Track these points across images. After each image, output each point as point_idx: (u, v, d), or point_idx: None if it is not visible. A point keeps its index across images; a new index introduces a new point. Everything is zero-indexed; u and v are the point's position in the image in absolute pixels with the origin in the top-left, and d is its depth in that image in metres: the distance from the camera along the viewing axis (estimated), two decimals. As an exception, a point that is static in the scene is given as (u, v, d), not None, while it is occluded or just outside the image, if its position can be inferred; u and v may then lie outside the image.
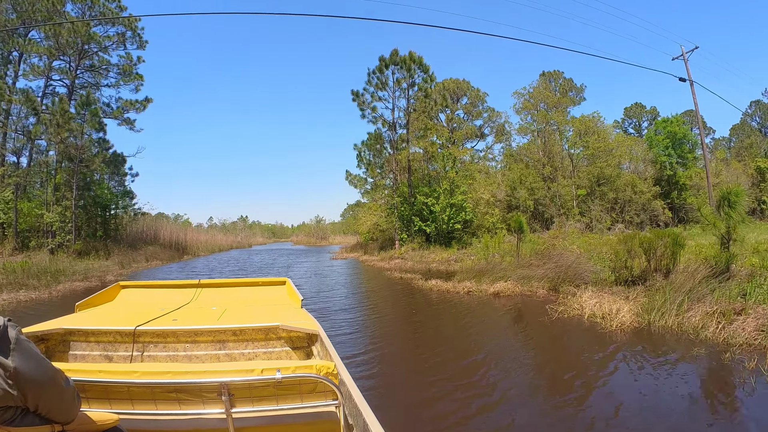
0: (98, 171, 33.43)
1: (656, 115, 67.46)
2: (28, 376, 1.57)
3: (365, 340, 9.65)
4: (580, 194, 41.01)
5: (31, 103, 29.55)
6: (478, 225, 36.23)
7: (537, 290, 14.18)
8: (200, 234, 60.75)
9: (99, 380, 2.40)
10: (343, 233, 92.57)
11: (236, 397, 2.50)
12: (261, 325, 4.21)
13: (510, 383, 6.62)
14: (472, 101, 53.61)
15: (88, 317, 4.43)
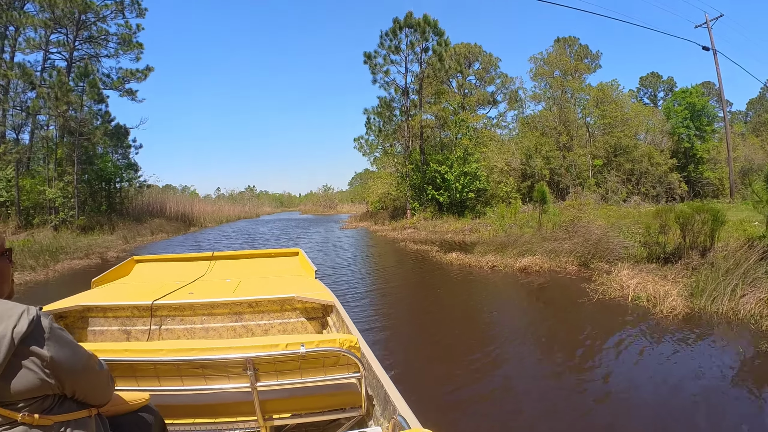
0: (100, 144, 32.67)
1: (673, 86, 65.69)
2: (65, 365, 1.56)
3: (384, 320, 8.80)
4: (596, 164, 39.73)
5: (28, 76, 28.49)
6: (491, 194, 35.17)
7: (566, 266, 13.12)
8: (207, 205, 59.67)
9: (126, 359, 2.45)
10: (351, 202, 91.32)
11: (261, 371, 2.55)
12: (276, 296, 4.27)
13: (563, 384, 5.66)
14: (485, 66, 51.89)
15: (105, 293, 4.48)
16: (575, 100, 42.51)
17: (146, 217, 35.90)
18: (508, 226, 22.80)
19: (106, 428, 1.87)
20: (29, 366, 1.50)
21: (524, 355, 6.72)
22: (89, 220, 28.71)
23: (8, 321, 1.47)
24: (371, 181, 46.55)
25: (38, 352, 1.50)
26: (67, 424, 1.62)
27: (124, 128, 36.59)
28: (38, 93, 28.42)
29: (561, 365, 6.26)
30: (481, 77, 51.88)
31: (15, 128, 30.55)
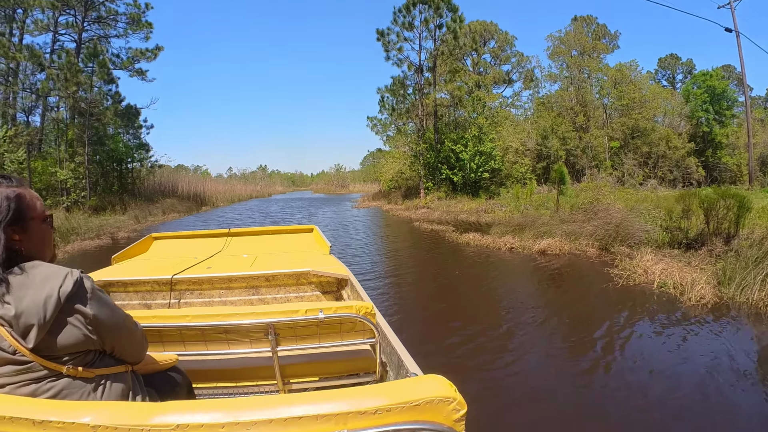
0: (111, 124, 32.59)
1: (692, 68, 63.89)
2: (105, 322, 1.69)
3: (399, 303, 8.54)
4: (613, 146, 39.12)
5: (36, 58, 28.21)
6: (506, 175, 34.67)
7: (586, 249, 12.72)
8: (219, 184, 59.40)
9: (154, 325, 2.53)
10: (363, 181, 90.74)
11: (281, 336, 2.65)
12: (292, 270, 4.37)
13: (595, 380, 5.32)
14: (500, 45, 50.87)
15: (125, 269, 4.62)
16: (593, 80, 41.80)
17: (158, 196, 35.65)
18: (524, 207, 22.46)
19: (140, 383, 1.98)
20: (74, 323, 1.62)
21: (550, 345, 6.39)
22: (101, 201, 28.51)
23: (54, 281, 1.57)
24: (384, 160, 46.02)
25: (82, 310, 1.62)
26: (106, 377, 1.75)
27: (135, 108, 36.32)
28: (48, 74, 28.21)
29: (589, 356, 5.91)
30: (497, 56, 50.91)
31: (25, 111, 30.38)
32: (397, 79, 35.48)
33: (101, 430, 1.24)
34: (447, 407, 1.35)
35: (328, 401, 1.32)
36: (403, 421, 1.32)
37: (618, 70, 40.67)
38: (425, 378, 1.47)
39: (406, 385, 1.42)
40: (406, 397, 1.33)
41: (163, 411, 1.29)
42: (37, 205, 1.75)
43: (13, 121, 28.75)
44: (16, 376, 1.56)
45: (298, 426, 1.27)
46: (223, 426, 1.25)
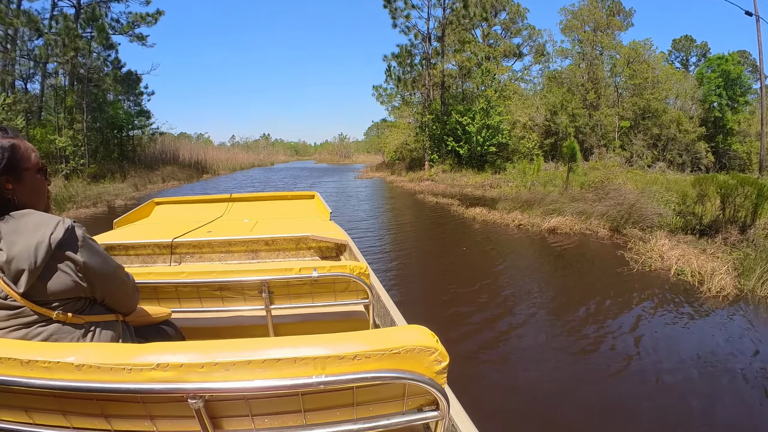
0: (111, 90, 32.16)
1: (707, 52, 62.57)
2: (96, 269, 1.71)
3: (404, 280, 8.11)
4: (623, 126, 38.27)
5: (33, 23, 27.35)
6: (512, 149, 33.97)
7: (597, 229, 12.20)
8: (221, 152, 58.39)
9: (150, 281, 2.57)
10: (366, 152, 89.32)
11: (275, 294, 2.72)
12: (292, 235, 4.36)
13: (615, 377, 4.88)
14: (512, 17, 49.61)
15: (127, 232, 4.64)
16: (605, 57, 40.86)
17: (158, 164, 35.22)
18: (531, 183, 21.92)
19: (131, 333, 2.01)
20: (64, 269, 1.63)
21: (563, 336, 5.94)
22: (100, 168, 28.17)
23: (46, 228, 1.59)
24: (388, 130, 45.29)
25: (72, 257, 1.63)
26: (96, 324, 1.77)
27: (136, 75, 35.69)
28: (45, 40, 27.63)
29: (609, 351, 5.46)
30: (507, 28, 49.63)
31: (24, 78, 29.75)
32: (404, 48, 34.43)
33: (85, 368, 1.26)
34: (428, 357, 1.32)
35: (307, 345, 1.30)
36: (383, 369, 1.29)
37: (632, 49, 39.64)
38: (407, 327, 1.43)
39: (387, 333, 1.40)
40: (386, 344, 1.31)
41: (144, 351, 1.29)
42: (32, 156, 1.76)
43: (12, 88, 28.19)
44: (6, 321, 1.60)
45: (276, 368, 1.26)
46: (202, 366, 1.25)
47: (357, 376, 1.26)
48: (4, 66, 28.01)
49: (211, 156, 48.93)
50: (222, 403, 1.34)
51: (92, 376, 1.26)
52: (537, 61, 48.44)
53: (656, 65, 40.49)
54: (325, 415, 1.40)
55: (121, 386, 1.25)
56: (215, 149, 59.70)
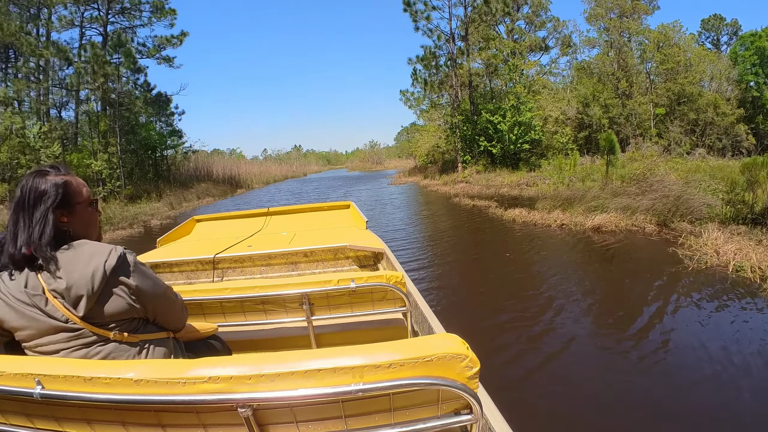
0: (142, 113, 32.92)
1: (738, 29, 60.62)
2: (147, 292, 1.83)
3: (450, 294, 7.78)
4: (658, 113, 37.27)
5: (63, 53, 28.35)
6: (546, 146, 33.35)
7: (644, 225, 11.68)
8: (254, 166, 59.05)
9: (195, 298, 2.73)
10: (398, 157, 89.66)
11: (315, 306, 2.83)
12: (329, 246, 4.45)
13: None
14: (534, 10, 48.86)
15: (170, 250, 4.80)
16: (633, 43, 39.90)
17: (192, 182, 35.75)
18: (568, 180, 21.43)
19: (182, 349, 2.11)
20: (119, 293, 1.75)
21: (624, 347, 5.57)
22: (136, 189, 28.73)
23: (100, 256, 1.71)
24: (418, 134, 45.03)
25: (126, 281, 1.75)
26: (150, 342, 1.90)
27: (165, 96, 36.48)
28: (75, 68, 28.41)
29: (678, 363, 5.08)
30: (531, 21, 48.89)
31: (57, 106, 30.63)
32: (428, 50, 34.07)
33: (143, 383, 1.35)
34: (459, 364, 1.37)
35: (345, 355, 1.35)
36: (417, 376, 1.34)
37: (660, 32, 38.62)
38: (438, 336, 1.48)
39: (420, 342, 1.45)
40: (419, 353, 1.36)
41: (197, 365, 1.37)
42: (83, 191, 1.89)
43: (47, 117, 29.18)
44: (68, 342, 1.71)
45: (318, 378, 1.33)
46: (249, 378, 1.32)
47: (393, 383, 1.33)
48: (38, 96, 28.87)
49: (244, 170, 49.54)
50: (269, 412, 1.41)
51: (150, 389, 1.36)
52: (564, 53, 47.58)
53: (687, 48, 39.40)
54: (365, 421, 1.46)
55: (177, 398, 1.34)
56: (248, 163, 60.40)
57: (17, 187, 1.76)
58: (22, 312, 1.67)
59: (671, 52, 37.56)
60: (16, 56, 29.05)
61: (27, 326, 1.68)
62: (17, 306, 1.67)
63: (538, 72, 42.61)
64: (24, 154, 24.66)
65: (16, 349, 1.76)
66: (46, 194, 1.72)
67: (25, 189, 1.72)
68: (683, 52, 38.28)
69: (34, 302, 1.67)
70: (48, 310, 1.67)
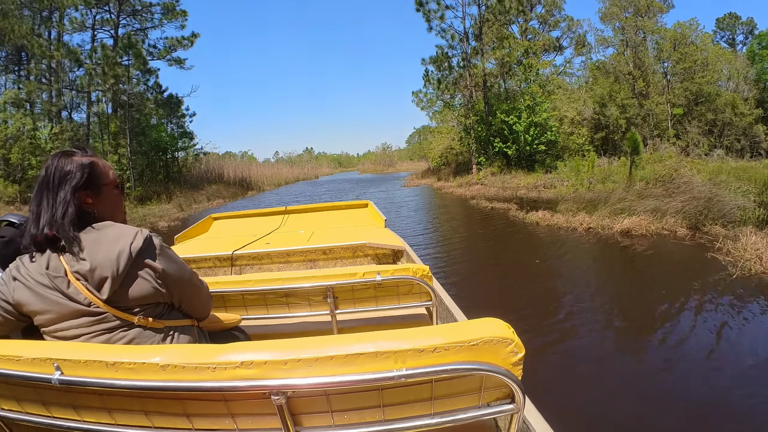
0: (153, 115, 33.14)
1: (754, 28, 59.72)
2: (174, 276, 1.77)
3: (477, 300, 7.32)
4: (676, 113, 36.53)
5: (73, 55, 28.37)
6: (562, 146, 32.75)
7: (674, 229, 11.10)
8: (265, 168, 58.77)
9: (217, 290, 2.68)
10: (410, 159, 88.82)
11: (339, 299, 2.79)
12: (348, 243, 4.42)
13: None
14: (548, 9, 48.29)
15: (188, 247, 4.78)
16: (650, 42, 39.24)
17: (203, 183, 35.60)
18: (587, 181, 20.90)
19: (206, 338, 2.09)
20: (144, 276, 1.68)
21: (684, 375, 5.01)
22: (146, 191, 28.73)
23: (126, 238, 1.66)
24: (432, 136, 44.54)
25: (151, 264, 1.69)
26: (174, 329, 1.83)
27: (177, 97, 36.63)
28: (86, 69, 28.47)
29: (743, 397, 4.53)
30: (545, 21, 48.32)
31: (68, 108, 30.62)
32: (441, 50, 33.61)
33: (170, 369, 1.29)
34: (505, 349, 1.32)
35: (387, 339, 1.30)
36: (462, 361, 1.29)
37: (677, 31, 37.93)
38: (483, 320, 1.41)
39: (464, 326, 1.39)
40: (464, 337, 1.30)
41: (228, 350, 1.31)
42: (110, 173, 1.86)
43: (58, 118, 29.24)
44: (90, 327, 1.64)
45: (358, 363, 1.27)
46: (285, 363, 1.26)
47: (437, 369, 1.25)
48: (50, 98, 28.94)
49: (255, 172, 49.34)
50: (303, 400, 1.33)
51: (177, 375, 1.29)
52: (578, 53, 46.94)
53: (705, 46, 38.68)
54: (403, 410, 1.38)
55: (206, 385, 1.27)
56: (259, 165, 60.19)
57: (42, 167, 1.71)
58: (43, 295, 1.61)
59: (688, 50, 36.85)
60: (28, 58, 29.00)
61: (47, 310, 1.62)
62: (37, 289, 1.61)
63: (552, 72, 42.06)
64: (35, 155, 24.60)
65: (35, 335, 1.71)
66: (71, 174, 1.69)
67: (51, 169, 1.68)
68: (700, 51, 37.56)
69: (56, 285, 1.61)
70: (70, 293, 1.61)
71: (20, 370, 1.36)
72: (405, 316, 3.16)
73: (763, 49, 41.07)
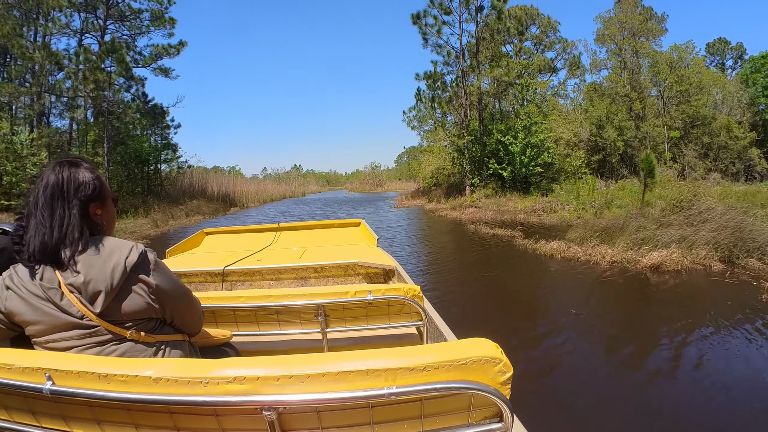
0: (134, 123, 31.93)
1: (743, 53, 60.04)
2: (167, 291, 1.76)
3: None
4: (673, 136, 35.67)
5: (53, 57, 26.98)
6: (557, 169, 31.55)
7: (708, 263, 9.72)
8: (250, 184, 56.71)
9: (208, 306, 2.65)
10: (398, 179, 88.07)
11: (331, 317, 2.76)
12: (340, 262, 4.39)
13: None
14: (543, 30, 47.61)
15: (179, 261, 4.74)
16: (644, 63, 38.64)
17: (184, 198, 33.78)
18: (591, 206, 19.71)
19: (197, 353, 2.05)
20: (138, 291, 1.68)
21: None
22: (123, 203, 27.03)
23: (121, 252, 1.64)
24: (422, 156, 43.27)
25: (146, 279, 1.69)
26: (166, 344, 1.81)
27: (161, 107, 35.23)
28: (66, 73, 27.43)
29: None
30: (540, 42, 47.65)
31: (46, 113, 29.07)
32: (435, 66, 32.13)
33: (162, 382, 1.28)
34: (493, 368, 1.33)
35: (377, 358, 1.30)
36: (451, 380, 1.30)
37: (674, 53, 37.28)
38: (472, 339, 1.42)
39: (454, 346, 1.41)
40: (454, 356, 1.31)
41: (221, 365, 1.30)
42: (107, 186, 1.83)
43: (39, 123, 27.91)
44: (82, 339, 1.62)
45: (349, 381, 1.27)
46: (277, 379, 1.26)
47: (427, 387, 1.26)
48: (32, 102, 27.44)
49: (240, 188, 47.36)
50: (294, 416, 1.32)
51: (169, 389, 1.28)
52: (572, 75, 46.27)
53: (700, 69, 38.12)
54: (393, 428, 1.37)
55: (198, 399, 1.26)
56: (246, 181, 58.06)
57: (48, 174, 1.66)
58: (35, 305, 1.59)
59: (685, 73, 36.17)
60: (11, 59, 27.78)
61: (39, 321, 1.60)
62: (30, 299, 1.59)
63: (543, 95, 41.16)
64: (10, 161, 23.17)
65: (25, 345, 1.66)
66: (86, 185, 1.69)
67: (62, 178, 1.65)
68: (696, 74, 36.95)
69: (49, 296, 1.59)
70: (63, 305, 1.59)
71: (11, 379, 1.33)
72: (396, 336, 3.15)
73: (755, 73, 40.62)
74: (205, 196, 37.69)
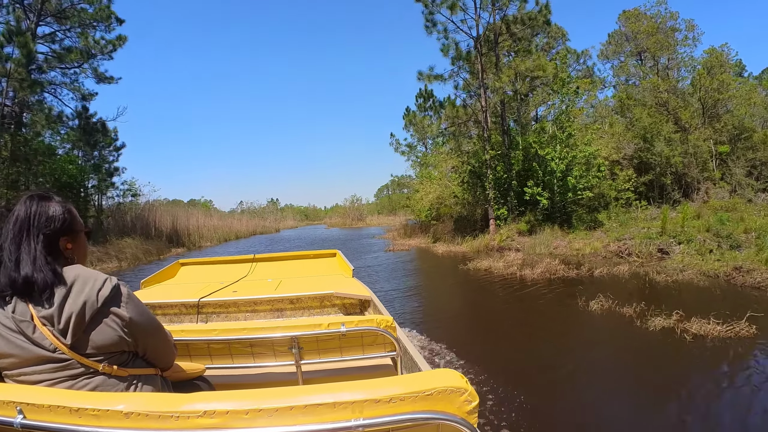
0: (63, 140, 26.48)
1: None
2: (140, 325, 1.73)
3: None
4: (721, 151, 28.95)
5: None
6: (597, 193, 24.11)
7: None
8: (214, 219, 48.12)
9: (182, 339, 2.56)
10: (378, 213, 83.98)
11: (305, 349, 2.71)
12: (316, 293, 4.36)
13: None
14: (553, 35, 41.17)
15: (154, 292, 4.62)
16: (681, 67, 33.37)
17: (113, 237, 25.49)
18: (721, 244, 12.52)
19: (169, 387, 2.01)
20: (110, 324, 1.65)
21: None
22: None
23: (94, 284, 1.62)
24: (419, 182, 35.30)
25: (119, 312, 1.66)
26: (138, 378, 1.78)
27: (101, 122, 28.42)
28: None
29: None
30: (548, 50, 41.27)
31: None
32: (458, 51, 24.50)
33: (134, 416, 1.29)
34: (459, 398, 1.35)
35: (345, 390, 1.33)
36: (417, 410, 1.32)
37: (711, 56, 31.32)
38: (437, 371, 1.46)
39: (419, 377, 1.43)
40: (419, 387, 1.34)
41: (191, 400, 1.31)
42: (80, 220, 1.83)
43: None
44: (54, 373, 1.60)
45: (317, 413, 1.29)
46: (247, 413, 1.26)
47: (394, 418, 1.28)
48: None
49: (202, 223, 39.88)
50: None
51: (140, 423, 1.28)
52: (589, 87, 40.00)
53: (735, 77, 33.32)
54: None
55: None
56: (210, 216, 49.19)
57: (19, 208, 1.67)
58: (7, 338, 1.57)
59: (725, 78, 30.17)
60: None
61: (11, 354, 1.58)
62: (2, 332, 1.58)
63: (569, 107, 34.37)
64: None
65: None
66: (55, 219, 1.68)
67: (31, 212, 1.66)
68: (736, 81, 31.55)
69: (21, 329, 1.57)
70: (35, 338, 1.58)
71: None
72: (371, 367, 3.07)
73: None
74: (146, 233, 29.80)
